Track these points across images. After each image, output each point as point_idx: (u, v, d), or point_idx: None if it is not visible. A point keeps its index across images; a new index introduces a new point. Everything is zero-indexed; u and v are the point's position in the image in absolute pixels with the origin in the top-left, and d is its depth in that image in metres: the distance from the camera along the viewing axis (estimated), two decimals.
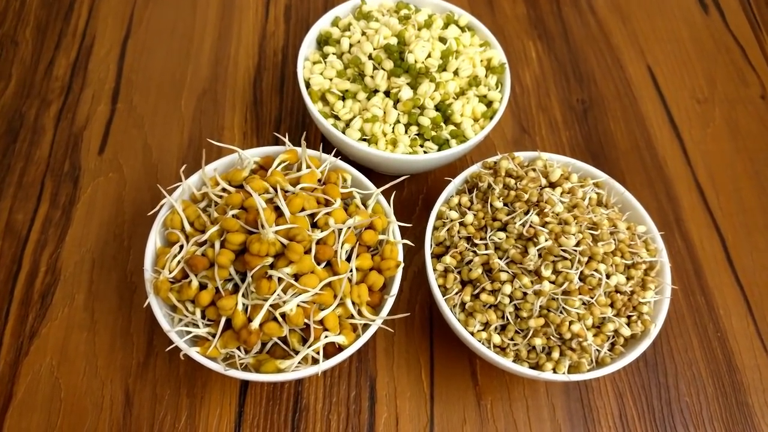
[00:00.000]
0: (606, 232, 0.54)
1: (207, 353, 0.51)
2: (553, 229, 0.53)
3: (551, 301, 0.52)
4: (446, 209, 0.59)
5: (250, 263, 0.51)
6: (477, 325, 0.54)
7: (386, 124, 0.62)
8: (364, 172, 0.60)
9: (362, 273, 0.55)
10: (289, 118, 0.76)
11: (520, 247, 0.54)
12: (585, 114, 0.80)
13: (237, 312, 0.51)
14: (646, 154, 0.77)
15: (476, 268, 0.54)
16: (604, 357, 0.54)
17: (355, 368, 0.62)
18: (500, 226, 0.56)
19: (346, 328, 0.54)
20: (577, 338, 0.52)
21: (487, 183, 0.58)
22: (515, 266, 0.54)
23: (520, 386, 0.62)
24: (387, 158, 0.60)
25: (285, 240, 0.51)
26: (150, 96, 0.76)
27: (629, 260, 0.56)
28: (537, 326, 0.52)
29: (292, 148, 0.59)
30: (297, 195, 0.54)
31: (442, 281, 0.56)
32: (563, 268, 0.52)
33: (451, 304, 0.55)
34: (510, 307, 0.53)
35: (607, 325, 0.54)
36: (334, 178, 0.58)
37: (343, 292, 0.53)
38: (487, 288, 0.54)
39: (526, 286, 0.52)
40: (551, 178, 0.59)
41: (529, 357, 0.54)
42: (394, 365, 0.62)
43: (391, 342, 0.64)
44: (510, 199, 0.57)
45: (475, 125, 0.65)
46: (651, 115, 0.80)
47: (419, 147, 0.63)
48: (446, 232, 0.57)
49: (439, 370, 0.63)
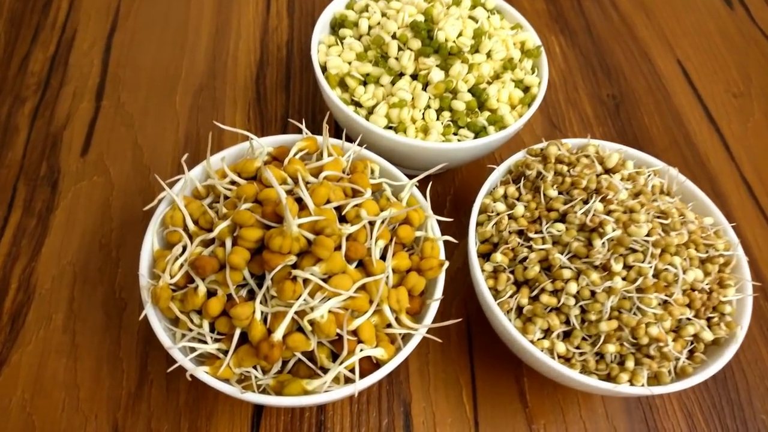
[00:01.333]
0: (677, 221, 0.47)
1: (219, 374, 0.42)
2: (619, 218, 0.46)
3: (623, 301, 0.45)
4: (490, 201, 0.51)
5: (270, 262, 0.42)
6: (537, 332, 0.46)
7: (415, 110, 0.55)
8: None
9: (399, 275, 0.47)
10: (297, 115, 0.68)
11: (582, 239, 0.47)
12: (617, 109, 0.73)
13: (255, 322, 0.42)
14: (687, 151, 0.70)
15: (533, 266, 0.47)
16: (684, 366, 0.46)
17: (385, 391, 0.54)
18: (557, 216, 0.48)
19: (383, 340, 0.45)
20: (656, 343, 0.45)
21: (536, 171, 0.51)
22: (579, 261, 0.46)
23: (575, 406, 0.54)
24: (419, 147, 0.53)
25: (311, 235, 0.43)
26: (140, 92, 0.68)
27: (704, 253, 0.48)
28: (610, 330, 0.44)
29: (310, 136, 0.52)
30: (322, 184, 0.46)
31: (493, 283, 0.48)
32: (635, 262, 0.45)
33: (506, 309, 0.47)
34: (576, 309, 0.45)
35: (686, 328, 0.46)
36: (361, 167, 0.50)
37: (381, 297, 0.44)
38: (547, 288, 0.46)
39: (594, 283, 0.45)
40: (607, 164, 0.52)
41: (598, 368, 0.46)
42: (430, 387, 0.54)
43: (425, 360, 0.55)
44: (565, 187, 0.49)
45: (513, 112, 0.58)
46: (687, 110, 0.74)
47: (453, 136, 0.55)
48: (493, 227, 0.50)
49: (483, 391, 0.54)
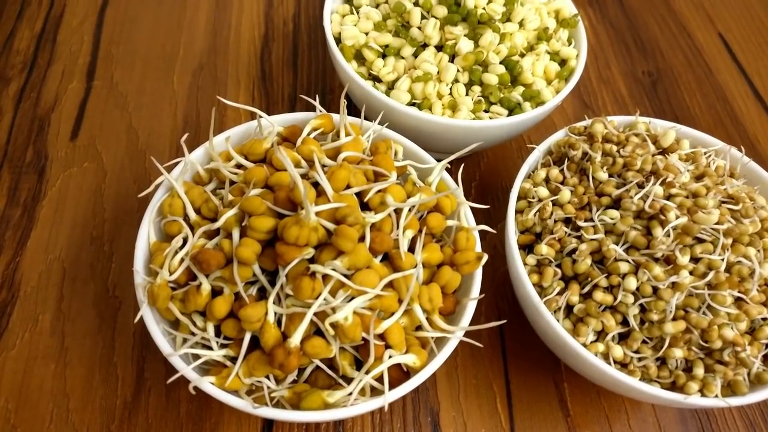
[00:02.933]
0: (750, 206, 0.41)
1: (226, 385, 0.36)
2: (683, 204, 0.40)
3: (690, 299, 0.39)
4: (530, 186, 0.45)
5: (284, 256, 0.36)
6: (590, 334, 0.40)
7: (442, 84, 0.49)
8: None
9: (429, 271, 0.41)
10: (306, 95, 0.62)
11: (640, 228, 0.41)
12: (654, 87, 0.67)
13: (268, 325, 0.36)
14: (734, 131, 0.64)
15: (584, 259, 0.41)
16: (760, 373, 0.40)
17: (410, 400, 0.48)
18: (609, 202, 0.42)
19: (414, 345, 0.39)
20: (731, 348, 0.39)
21: (581, 151, 0.45)
22: (637, 253, 0.40)
23: (622, 415, 0.48)
24: (447, 125, 0.47)
25: (330, 224, 0.37)
26: (134, 71, 0.62)
27: None
28: (677, 332, 0.38)
29: (325, 114, 0.45)
30: (341, 167, 0.40)
31: (537, 279, 0.42)
32: (703, 254, 0.39)
33: (553, 308, 0.41)
34: (635, 308, 0.39)
35: (763, 329, 0.40)
36: (384, 148, 0.44)
37: (413, 295, 0.38)
38: (601, 284, 0.40)
39: (658, 278, 0.39)
40: (662, 143, 0.46)
41: (660, 375, 0.40)
42: (460, 394, 0.48)
43: (453, 364, 0.49)
44: (616, 170, 0.43)
45: (549, 87, 0.51)
46: (731, 88, 0.68)
47: (484, 113, 0.49)
48: (536, 215, 0.44)
49: (519, 399, 0.48)
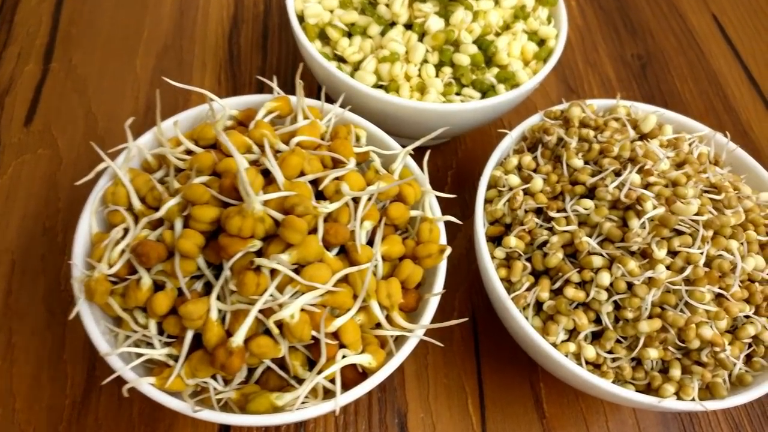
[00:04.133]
0: (733, 196, 0.38)
1: (166, 386, 0.34)
2: (661, 193, 0.37)
3: (667, 295, 0.36)
4: (501, 174, 0.42)
5: (227, 249, 0.34)
6: (561, 333, 0.37)
7: (410, 65, 0.46)
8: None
9: (390, 264, 0.39)
10: (275, 78, 0.59)
11: (615, 219, 0.38)
12: (643, 70, 0.64)
13: (210, 322, 0.34)
14: (726, 117, 0.61)
15: (555, 252, 0.38)
16: (742, 374, 0.38)
17: (377, 400, 0.45)
18: (584, 191, 0.39)
19: (371, 344, 0.37)
20: (709, 348, 0.36)
21: (556, 136, 0.42)
22: (612, 246, 0.37)
23: (600, 417, 0.46)
24: (415, 109, 0.44)
25: (279, 215, 0.34)
26: (95, 54, 0.59)
27: (764, 236, 0.40)
28: (652, 331, 0.36)
29: (282, 96, 0.43)
30: (294, 152, 0.37)
31: (505, 273, 0.39)
32: (682, 247, 0.36)
33: (522, 305, 0.38)
34: (608, 305, 0.37)
35: (744, 328, 0.37)
36: (344, 133, 0.41)
37: (368, 291, 0.36)
38: (573, 279, 0.37)
39: (632, 273, 0.36)
40: (642, 128, 0.43)
41: (635, 377, 0.37)
42: (429, 395, 0.46)
43: (423, 363, 0.47)
44: (592, 156, 0.40)
45: (526, 69, 0.49)
46: (725, 72, 0.65)
47: (455, 96, 0.46)
48: (505, 205, 0.41)
49: (492, 400, 0.46)
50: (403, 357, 0.36)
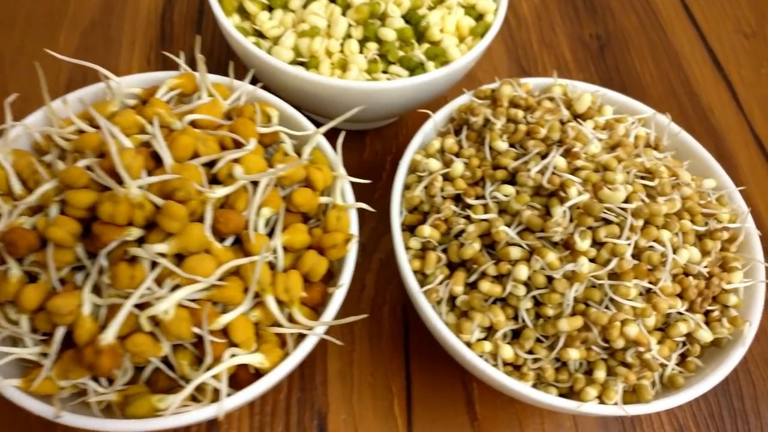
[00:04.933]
0: (668, 182, 0.35)
1: (33, 388, 0.31)
2: (588, 178, 0.34)
3: (591, 291, 0.33)
4: (422, 158, 0.39)
5: (101, 237, 0.31)
6: (476, 331, 0.34)
7: (332, 40, 0.42)
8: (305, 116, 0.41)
9: (294, 255, 0.35)
10: (208, 59, 0.56)
11: (538, 207, 0.35)
12: (602, 51, 0.61)
13: (82, 318, 0.31)
14: (686, 101, 0.58)
15: (471, 243, 0.35)
16: (674, 376, 0.35)
17: (296, 400, 0.42)
18: (506, 176, 0.36)
19: (269, 342, 0.34)
20: (634, 348, 0.33)
21: (482, 117, 0.39)
22: (532, 236, 0.34)
23: (536, 418, 0.43)
24: (334, 87, 0.41)
25: (160, 200, 0.31)
26: (14, 30, 0.55)
27: (702, 226, 0.36)
28: (572, 330, 0.33)
29: (186, 73, 0.39)
30: (184, 132, 0.34)
31: (419, 264, 0.36)
32: (608, 237, 0.33)
33: (434, 300, 0.35)
34: (527, 301, 0.34)
35: (676, 326, 0.34)
36: (250, 112, 0.38)
37: (260, 284, 0.33)
38: (489, 272, 0.34)
39: (551, 266, 0.33)
40: (577, 108, 0.40)
41: (559, 379, 0.34)
42: (353, 395, 0.43)
43: (349, 361, 0.44)
44: (519, 138, 0.37)
45: (461, 46, 0.45)
46: (687, 53, 0.61)
47: (382, 74, 0.43)
48: (423, 191, 0.38)
49: (420, 400, 0.43)
50: (300, 357, 0.33)
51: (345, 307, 0.45)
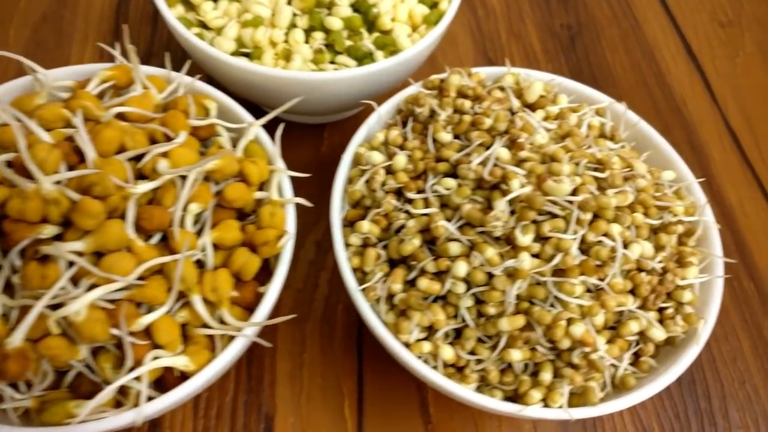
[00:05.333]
0: (618, 174, 0.33)
1: None
2: (533, 170, 0.32)
3: (535, 288, 0.31)
4: (366, 151, 0.37)
5: (12, 235, 0.29)
6: (415, 330, 0.32)
7: (276, 30, 0.41)
8: (255, 111, 0.39)
9: (225, 253, 0.34)
10: (164, 49, 0.54)
11: (480, 200, 0.33)
12: (572, 42, 0.59)
13: None
14: (658, 92, 0.56)
15: (411, 238, 0.33)
16: (626, 376, 0.33)
17: (242, 403, 0.41)
18: (448, 169, 0.34)
19: (197, 344, 0.32)
20: (581, 348, 0.31)
21: (428, 108, 0.37)
22: (473, 231, 0.32)
23: (493, 421, 0.41)
24: (275, 77, 0.39)
25: (78, 196, 0.29)
26: None
27: (656, 219, 0.35)
28: (513, 330, 0.31)
29: (120, 64, 0.38)
30: (109, 125, 0.32)
31: (359, 261, 0.34)
32: (552, 232, 0.31)
33: (372, 299, 0.33)
34: (468, 299, 0.32)
35: (627, 324, 0.33)
36: (184, 104, 0.36)
37: (186, 284, 0.31)
38: (428, 269, 0.32)
39: (491, 262, 0.31)
40: (528, 97, 0.38)
41: (504, 381, 0.33)
42: (302, 397, 0.41)
43: (299, 362, 0.42)
44: (463, 130, 0.36)
45: (414, 35, 0.44)
46: (661, 43, 0.60)
47: (329, 64, 0.41)
48: (365, 185, 0.36)
49: (372, 403, 0.41)
50: (228, 359, 0.31)
51: (298, 306, 0.44)
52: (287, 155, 0.50)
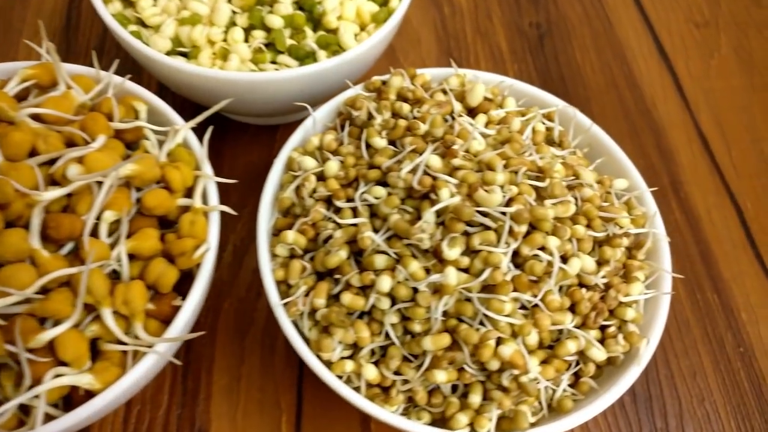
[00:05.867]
0: (558, 183, 0.31)
1: None
2: (465, 179, 0.30)
3: (463, 305, 0.29)
4: (299, 155, 0.36)
5: None
6: (338, 348, 0.30)
7: (214, 28, 0.39)
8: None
9: (142, 264, 0.32)
10: (116, 48, 0.52)
11: (410, 210, 0.31)
12: (541, 41, 0.57)
13: None
14: (628, 95, 0.54)
15: (338, 250, 0.31)
16: (563, 399, 0.31)
17: (175, 417, 0.39)
18: (380, 177, 0.33)
19: (108, 360, 0.30)
20: (510, 370, 0.29)
21: (365, 111, 0.35)
22: (400, 243, 0.30)
23: None
24: (210, 78, 0.37)
25: None
26: None
27: (601, 232, 0.33)
28: (437, 349, 0.29)
29: (43, 63, 0.36)
30: (18, 128, 0.31)
31: (283, 274, 0.33)
32: (483, 245, 0.29)
33: (294, 314, 0.31)
34: (393, 315, 0.30)
35: (564, 344, 0.31)
36: (107, 106, 0.35)
37: (95, 296, 0.29)
38: (353, 283, 0.31)
39: (415, 276, 0.29)
40: (470, 101, 0.36)
41: (432, 403, 0.31)
42: (238, 412, 0.39)
43: (237, 376, 0.40)
44: (399, 135, 0.34)
45: (363, 34, 0.42)
46: (633, 44, 0.58)
47: (270, 64, 0.40)
48: (294, 192, 0.34)
49: (311, 418, 0.39)
50: (136, 377, 0.29)
51: (240, 316, 0.42)
52: (239, 158, 0.49)
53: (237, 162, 0.48)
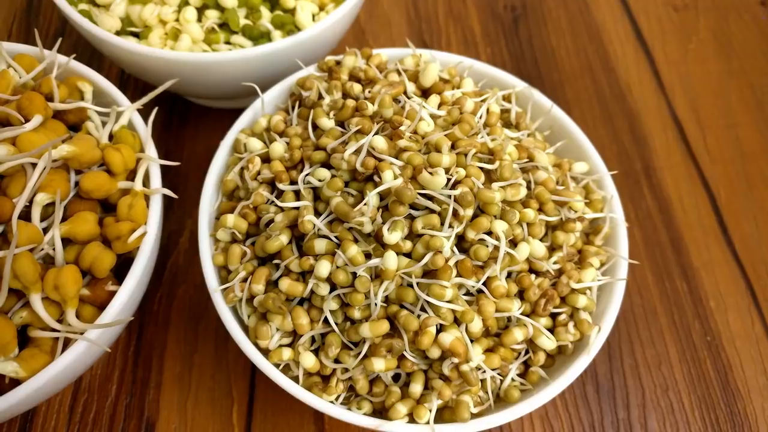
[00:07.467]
0: (509, 165, 0.30)
1: None
2: (410, 161, 0.29)
3: (404, 290, 0.28)
4: (246, 137, 0.34)
5: None
6: (276, 335, 0.30)
7: (165, 7, 0.38)
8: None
9: (78, 247, 0.31)
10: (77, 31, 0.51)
11: (354, 193, 0.30)
12: (515, 24, 0.56)
13: None
14: (603, 79, 0.53)
15: (279, 234, 0.30)
16: (510, 389, 0.30)
17: (123, 407, 0.38)
18: (324, 158, 0.31)
19: (38, 347, 0.29)
20: (451, 358, 0.28)
21: (316, 92, 0.34)
22: (341, 227, 0.29)
23: None
24: (158, 58, 0.36)
25: None
26: None
27: (554, 216, 0.32)
28: (375, 336, 0.28)
29: None
30: None
31: (223, 259, 0.32)
32: (426, 229, 0.28)
33: (232, 300, 0.30)
34: (333, 302, 0.29)
35: (511, 332, 0.30)
36: (47, 87, 0.34)
37: (24, 281, 0.28)
38: (293, 269, 0.30)
39: (353, 261, 0.28)
40: (423, 81, 0.35)
41: (374, 392, 0.30)
42: (188, 401, 0.38)
43: (189, 364, 0.40)
44: (347, 116, 0.33)
45: (321, 14, 0.40)
46: (609, 26, 0.56)
47: (224, 44, 0.39)
48: (238, 174, 0.33)
49: (263, 408, 0.39)
50: (64, 364, 0.28)
51: (195, 304, 0.41)
52: (200, 142, 0.47)
53: (197, 146, 0.47)
